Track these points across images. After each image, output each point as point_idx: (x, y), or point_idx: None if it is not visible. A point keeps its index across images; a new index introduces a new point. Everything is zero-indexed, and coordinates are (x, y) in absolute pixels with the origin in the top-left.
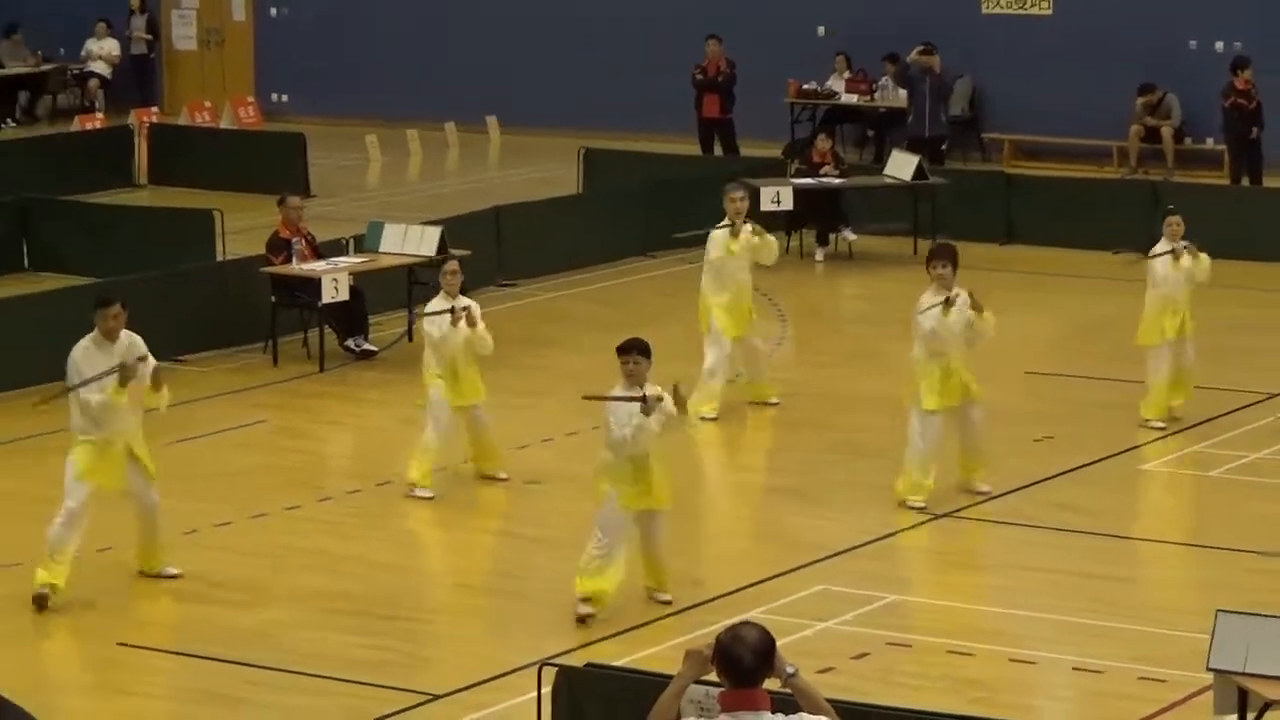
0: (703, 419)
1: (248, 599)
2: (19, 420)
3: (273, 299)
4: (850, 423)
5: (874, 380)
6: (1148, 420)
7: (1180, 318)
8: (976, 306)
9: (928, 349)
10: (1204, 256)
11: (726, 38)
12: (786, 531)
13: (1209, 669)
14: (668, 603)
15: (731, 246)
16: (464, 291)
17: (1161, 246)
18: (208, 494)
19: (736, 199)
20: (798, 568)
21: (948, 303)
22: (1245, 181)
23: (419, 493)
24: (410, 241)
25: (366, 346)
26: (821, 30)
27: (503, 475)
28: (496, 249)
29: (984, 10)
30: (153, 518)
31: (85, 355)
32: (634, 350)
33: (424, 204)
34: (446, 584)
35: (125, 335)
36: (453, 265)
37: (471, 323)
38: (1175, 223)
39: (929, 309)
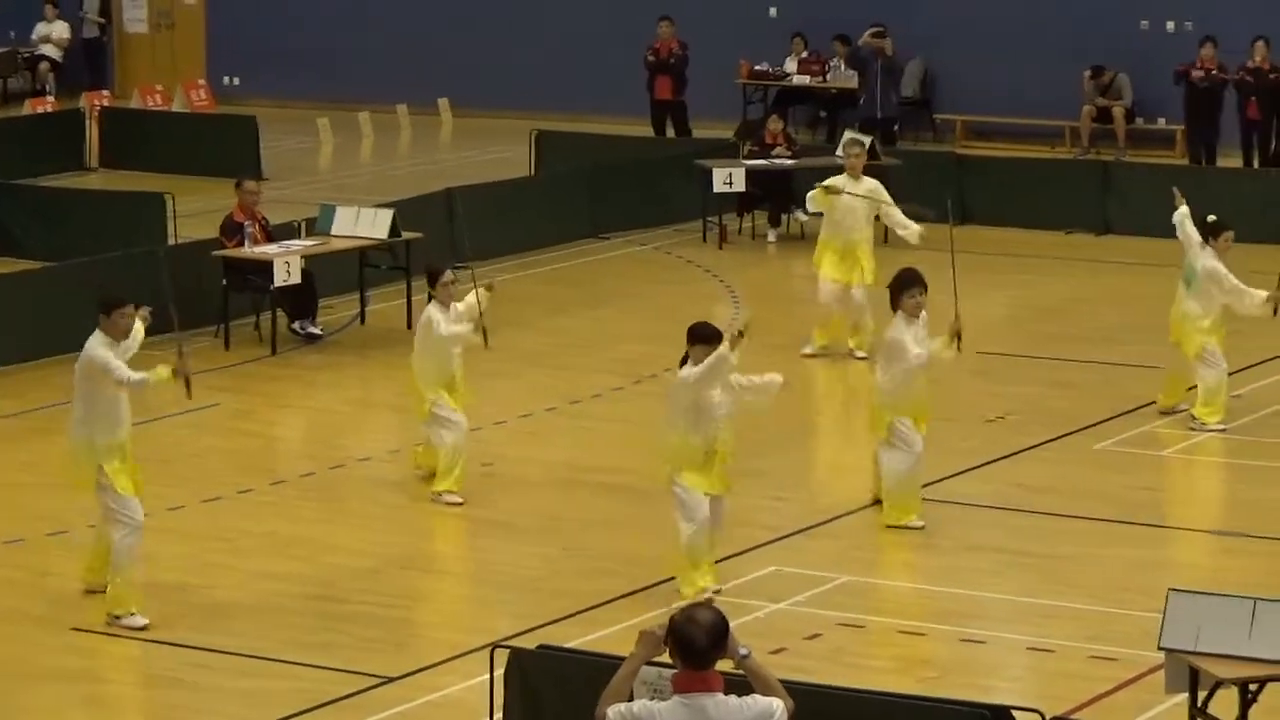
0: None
1: (200, 582)
2: None
3: (224, 282)
4: (803, 403)
5: (825, 361)
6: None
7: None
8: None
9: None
10: None
11: (678, 19)
12: (739, 512)
13: (1160, 648)
14: (716, 592)
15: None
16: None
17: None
18: (160, 478)
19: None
20: (751, 549)
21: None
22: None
23: (450, 499)
24: (362, 224)
25: (311, 329)
26: (774, 11)
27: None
28: (449, 231)
29: None
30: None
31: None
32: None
33: (376, 186)
34: (399, 567)
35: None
36: (449, 275)
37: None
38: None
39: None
